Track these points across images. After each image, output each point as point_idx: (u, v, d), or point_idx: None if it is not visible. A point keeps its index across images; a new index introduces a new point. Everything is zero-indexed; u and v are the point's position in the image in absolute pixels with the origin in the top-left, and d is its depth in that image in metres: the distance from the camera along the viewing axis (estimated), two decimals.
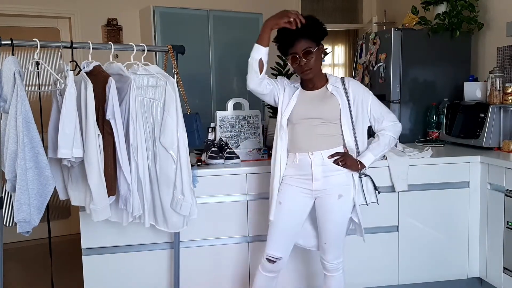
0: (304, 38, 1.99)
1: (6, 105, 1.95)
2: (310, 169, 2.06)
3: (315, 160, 2.05)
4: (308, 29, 2.00)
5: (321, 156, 2.05)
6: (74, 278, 2.86)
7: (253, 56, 2.03)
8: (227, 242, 2.56)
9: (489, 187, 2.62)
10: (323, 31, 2.09)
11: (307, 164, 2.06)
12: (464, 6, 3.27)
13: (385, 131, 2.13)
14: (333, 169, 2.06)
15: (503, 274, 2.53)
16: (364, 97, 2.11)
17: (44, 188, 1.99)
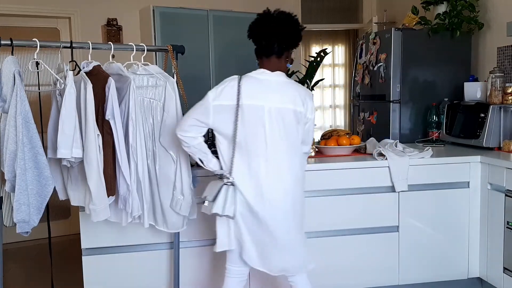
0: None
1: (5, 105, 1.95)
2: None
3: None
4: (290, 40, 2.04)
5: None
6: (74, 278, 2.86)
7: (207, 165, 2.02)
8: None
9: (490, 187, 2.62)
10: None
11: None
12: (464, 6, 3.27)
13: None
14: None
15: (503, 274, 2.53)
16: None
17: (44, 188, 1.99)
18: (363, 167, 2.58)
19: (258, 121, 1.88)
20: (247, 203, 1.91)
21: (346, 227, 2.60)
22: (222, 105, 1.88)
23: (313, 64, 3.02)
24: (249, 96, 1.87)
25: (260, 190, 1.89)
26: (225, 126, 1.90)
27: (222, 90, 1.89)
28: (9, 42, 2.00)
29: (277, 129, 1.89)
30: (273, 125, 1.89)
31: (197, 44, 4.08)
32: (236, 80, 1.91)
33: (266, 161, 1.89)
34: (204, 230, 2.50)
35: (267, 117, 1.88)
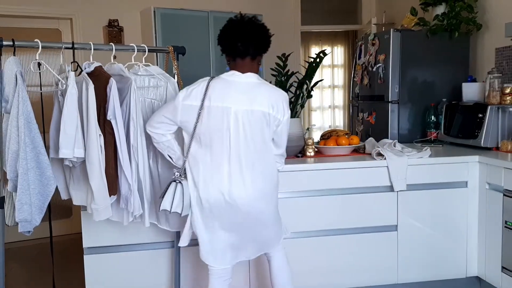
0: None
1: (7, 105, 1.97)
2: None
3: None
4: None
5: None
6: (75, 278, 2.88)
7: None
8: None
9: (488, 187, 2.63)
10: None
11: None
12: (463, 7, 3.29)
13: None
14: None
15: (501, 273, 2.55)
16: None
17: (46, 188, 2.01)
18: (362, 167, 2.60)
19: (224, 122, 1.90)
20: (206, 200, 1.94)
21: (345, 227, 2.61)
22: (191, 105, 1.92)
23: (313, 65, 3.03)
24: (217, 97, 1.90)
25: (223, 189, 1.91)
26: (190, 126, 1.94)
27: (192, 91, 1.93)
28: (11, 43, 2.01)
29: (242, 130, 1.90)
30: (239, 126, 1.90)
31: (198, 45, 4.10)
32: (206, 82, 1.94)
33: (229, 161, 1.91)
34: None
35: (233, 119, 1.89)
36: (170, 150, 2.05)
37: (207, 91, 1.90)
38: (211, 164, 1.93)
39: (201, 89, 1.92)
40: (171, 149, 2.05)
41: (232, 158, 1.91)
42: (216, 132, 1.91)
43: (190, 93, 1.93)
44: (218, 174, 1.92)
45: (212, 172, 1.93)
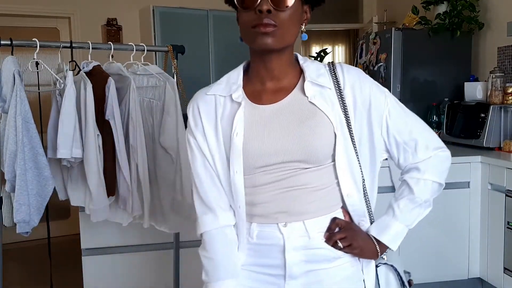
0: None
1: (5, 105, 1.95)
2: (282, 257, 1.05)
3: (293, 239, 1.04)
4: None
5: (304, 230, 1.04)
6: (73, 279, 2.86)
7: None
8: None
9: (490, 187, 2.61)
10: None
11: (276, 245, 1.05)
12: (465, 6, 3.27)
13: (423, 172, 1.12)
14: (325, 257, 1.06)
15: (503, 275, 2.53)
16: (376, 102, 1.07)
17: (44, 188, 1.99)
18: None
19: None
20: None
21: None
22: None
23: None
24: None
25: None
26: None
27: None
28: (8, 42, 1.99)
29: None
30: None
31: (197, 44, 4.08)
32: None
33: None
34: None
35: None
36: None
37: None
38: None
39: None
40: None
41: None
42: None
43: None
44: None
45: None
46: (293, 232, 1.04)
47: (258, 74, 1.08)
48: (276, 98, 1.06)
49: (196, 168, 1.08)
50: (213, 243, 1.07)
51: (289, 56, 1.07)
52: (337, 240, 1.05)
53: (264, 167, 1.03)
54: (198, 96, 1.13)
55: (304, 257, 1.04)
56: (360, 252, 1.08)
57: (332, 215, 1.07)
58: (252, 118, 1.05)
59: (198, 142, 1.08)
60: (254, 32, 0.99)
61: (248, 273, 1.09)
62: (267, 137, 1.03)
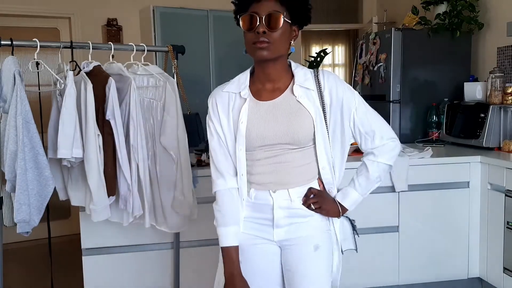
0: (279, 0, 1.36)
1: (6, 105, 1.95)
2: (271, 213, 1.43)
3: (279, 201, 1.42)
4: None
5: (287, 195, 1.43)
6: (74, 279, 2.86)
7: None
8: None
9: (489, 187, 2.62)
10: (305, 10, 1.42)
11: (267, 205, 1.43)
12: (465, 6, 3.27)
13: (376, 156, 1.48)
14: (302, 214, 1.44)
15: (503, 274, 2.53)
16: (347, 101, 1.43)
17: (44, 188, 1.99)
18: None
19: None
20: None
21: None
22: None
23: (313, 64, 3.02)
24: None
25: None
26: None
27: None
28: (9, 42, 2.00)
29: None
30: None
31: (197, 44, 4.08)
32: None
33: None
34: (204, 230, 2.50)
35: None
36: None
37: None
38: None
39: None
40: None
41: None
42: None
43: None
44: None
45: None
46: (280, 197, 1.43)
47: (259, 77, 1.44)
48: (273, 96, 1.42)
49: (214, 145, 1.46)
50: (222, 199, 1.45)
51: (282, 64, 1.43)
52: (311, 204, 1.44)
53: (261, 146, 1.41)
54: (216, 92, 1.49)
55: (287, 213, 1.44)
56: (327, 213, 1.48)
57: (309, 185, 1.46)
58: (254, 111, 1.41)
59: (215, 125, 1.46)
60: (254, 47, 1.36)
61: (248, 223, 1.47)
62: (264, 125, 1.40)
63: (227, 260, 1.43)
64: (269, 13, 1.33)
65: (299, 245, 1.45)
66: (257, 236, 1.46)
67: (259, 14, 1.33)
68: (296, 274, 1.45)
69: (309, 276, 1.44)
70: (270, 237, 1.46)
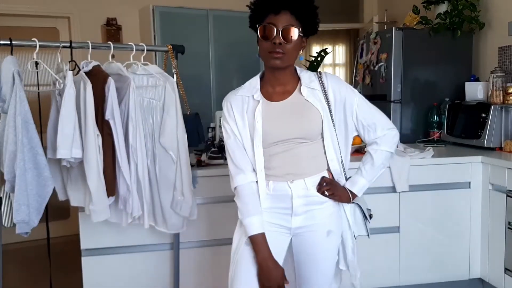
0: (294, 14, 1.49)
1: (5, 105, 1.94)
2: (290, 202, 1.57)
3: (297, 191, 1.56)
4: (303, 10, 1.51)
5: (304, 184, 1.56)
6: (73, 279, 2.85)
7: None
8: (227, 243, 2.54)
9: (491, 187, 2.61)
10: (315, 24, 1.57)
11: (286, 195, 1.57)
12: (466, 5, 3.26)
13: (379, 145, 1.64)
14: (317, 201, 1.58)
15: (504, 275, 2.52)
16: (349, 99, 1.60)
17: (43, 188, 1.98)
18: None
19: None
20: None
21: None
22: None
23: (314, 63, 3.01)
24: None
25: None
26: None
27: None
28: (8, 42, 1.99)
29: None
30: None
31: (197, 44, 4.07)
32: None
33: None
34: (204, 231, 2.50)
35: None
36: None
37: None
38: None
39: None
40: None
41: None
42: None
43: None
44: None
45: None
46: (297, 186, 1.57)
47: (270, 82, 1.58)
48: (283, 97, 1.57)
49: (231, 144, 1.57)
50: (244, 193, 1.56)
51: (291, 70, 1.58)
52: (324, 190, 1.58)
53: (276, 142, 1.54)
54: (230, 96, 1.61)
55: (304, 201, 1.58)
56: (339, 198, 1.62)
57: (321, 175, 1.60)
58: (267, 111, 1.55)
59: (231, 127, 1.57)
60: (269, 55, 1.50)
61: (268, 213, 1.58)
62: (278, 123, 1.54)
63: (258, 247, 1.53)
64: (285, 27, 1.47)
65: (314, 231, 1.60)
66: (273, 223, 1.58)
67: (276, 26, 1.47)
68: (309, 257, 1.62)
69: (319, 259, 1.62)
70: (288, 224, 1.59)
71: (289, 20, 1.47)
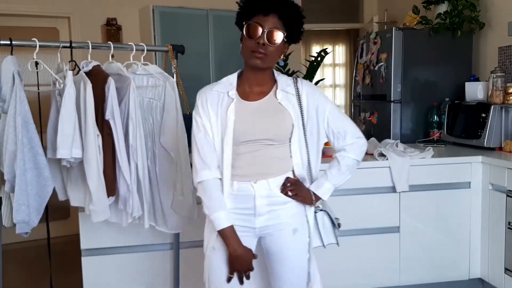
0: (282, 19, 1.52)
1: (5, 105, 1.94)
2: (253, 202, 1.57)
3: (260, 191, 1.57)
4: (291, 16, 1.55)
5: (267, 185, 1.57)
6: (73, 279, 2.85)
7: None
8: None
9: (491, 187, 2.61)
10: (299, 32, 1.62)
11: (249, 195, 1.57)
12: (466, 5, 3.26)
13: (347, 152, 1.65)
14: (280, 202, 1.59)
15: (504, 275, 2.52)
16: (321, 105, 1.62)
17: (43, 188, 1.98)
18: (364, 167, 2.57)
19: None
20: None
21: (347, 228, 2.54)
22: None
23: (314, 64, 3.02)
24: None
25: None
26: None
27: None
28: (8, 42, 1.99)
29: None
30: None
31: (197, 44, 4.06)
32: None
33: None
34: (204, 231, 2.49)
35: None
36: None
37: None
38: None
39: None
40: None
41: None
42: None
43: None
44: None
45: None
46: (260, 186, 1.58)
47: (248, 81, 1.60)
48: (258, 97, 1.59)
49: (200, 138, 1.56)
50: (210, 188, 1.56)
51: (270, 72, 1.62)
52: (288, 191, 1.59)
53: (245, 142, 1.55)
54: (206, 90, 1.62)
55: (267, 201, 1.59)
56: (302, 199, 1.63)
57: (286, 175, 1.61)
58: (240, 109, 1.56)
59: (203, 120, 1.57)
60: (251, 54, 1.51)
61: (231, 214, 1.58)
62: (250, 122, 1.55)
63: (228, 240, 1.55)
64: (271, 29, 1.49)
65: (279, 231, 1.62)
66: (238, 225, 1.58)
67: (263, 27, 1.49)
68: (278, 257, 1.64)
69: (290, 257, 1.64)
70: (252, 225, 1.60)
71: (276, 23, 1.50)
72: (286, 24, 1.53)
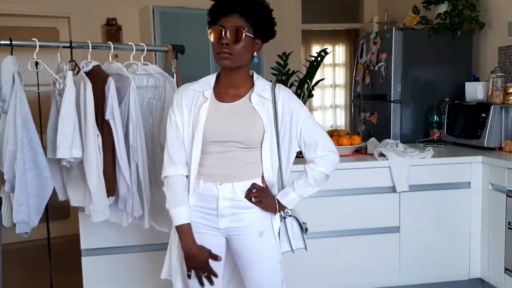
0: (244, 16, 1.52)
1: (5, 105, 1.94)
2: (216, 203, 1.58)
3: (223, 193, 1.58)
4: (253, 12, 1.54)
5: (232, 188, 1.58)
6: (73, 279, 2.85)
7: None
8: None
9: (491, 187, 2.60)
10: (269, 26, 1.59)
11: (213, 196, 1.58)
12: (466, 5, 3.26)
13: (316, 165, 1.64)
14: (244, 206, 1.59)
15: (504, 275, 2.52)
16: (296, 113, 1.61)
17: (43, 188, 1.98)
18: (364, 168, 2.57)
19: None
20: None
21: (347, 228, 2.58)
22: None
23: (314, 64, 3.01)
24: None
25: None
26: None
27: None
28: (8, 42, 1.99)
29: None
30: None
31: (197, 44, 4.05)
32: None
33: None
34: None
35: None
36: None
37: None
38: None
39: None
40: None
41: None
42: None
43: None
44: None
45: None
46: (225, 189, 1.59)
47: (224, 82, 1.61)
48: (232, 99, 1.59)
49: (171, 135, 1.60)
50: (174, 183, 1.59)
51: (244, 72, 1.60)
52: (252, 197, 1.59)
53: (215, 142, 1.56)
54: (183, 89, 1.64)
55: (230, 204, 1.59)
56: (265, 206, 1.63)
57: (253, 181, 1.61)
58: (213, 110, 1.58)
59: (176, 118, 1.59)
60: (218, 56, 1.54)
61: (195, 212, 1.61)
62: (220, 123, 1.56)
63: (183, 236, 1.58)
64: (232, 28, 1.51)
65: (245, 234, 1.62)
66: (204, 224, 1.61)
67: (224, 27, 1.53)
68: (247, 260, 1.64)
69: (257, 260, 1.63)
70: (216, 225, 1.61)
71: (238, 22, 1.51)
72: (250, 21, 1.53)
